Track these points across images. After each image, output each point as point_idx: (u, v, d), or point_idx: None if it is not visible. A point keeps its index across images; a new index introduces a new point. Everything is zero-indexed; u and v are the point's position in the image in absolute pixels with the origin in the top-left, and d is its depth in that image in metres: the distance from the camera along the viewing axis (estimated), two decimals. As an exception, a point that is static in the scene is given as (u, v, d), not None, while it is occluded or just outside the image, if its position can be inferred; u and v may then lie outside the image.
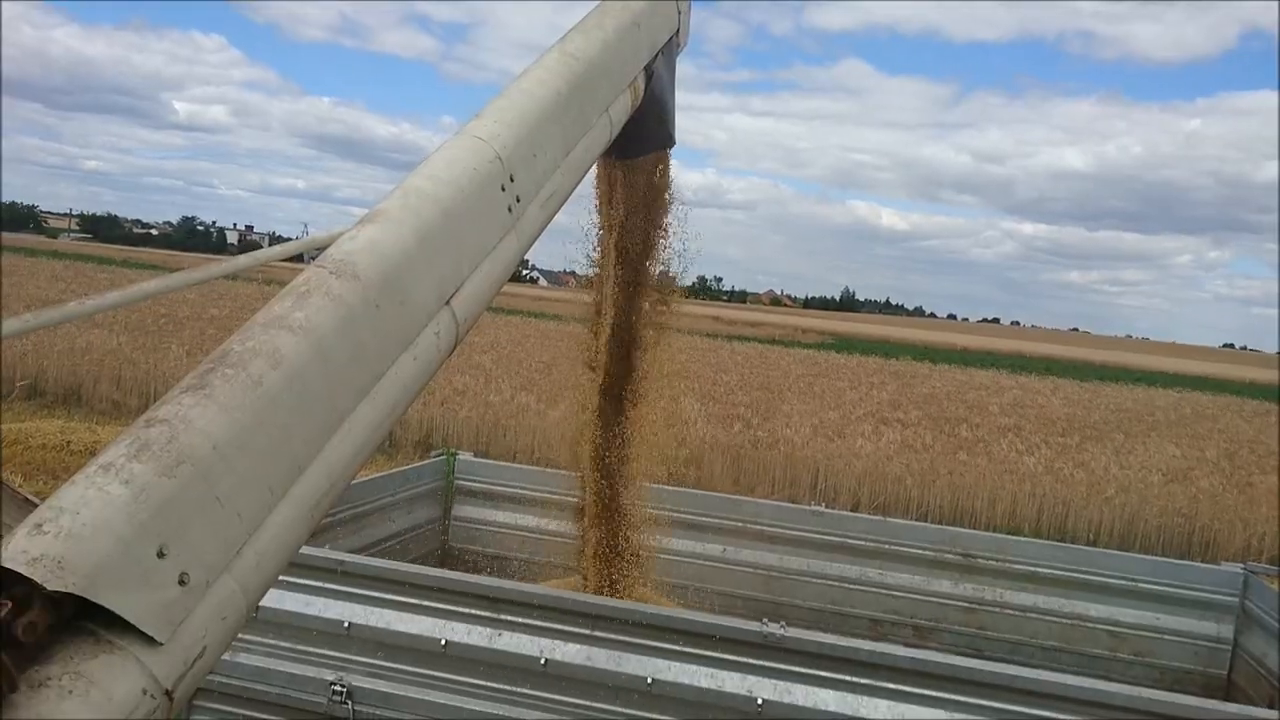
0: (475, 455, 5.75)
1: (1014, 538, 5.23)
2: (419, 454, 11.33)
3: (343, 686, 3.13)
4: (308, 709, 3.17)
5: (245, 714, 3.24)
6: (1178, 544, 11.96)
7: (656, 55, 3.00)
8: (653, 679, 2.96)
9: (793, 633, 2.90)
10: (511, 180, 2.10)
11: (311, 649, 3.23)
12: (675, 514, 5.12)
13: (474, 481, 5.53)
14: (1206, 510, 12.45)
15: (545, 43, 2.56)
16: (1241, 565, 4.69)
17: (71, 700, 1.06)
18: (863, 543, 4.98)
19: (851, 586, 4.96)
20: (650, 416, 4.12)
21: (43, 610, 1.07)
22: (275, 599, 3.20)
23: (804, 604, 4.96)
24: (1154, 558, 5.08)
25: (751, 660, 2.92)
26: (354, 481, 1.87)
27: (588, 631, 3.02)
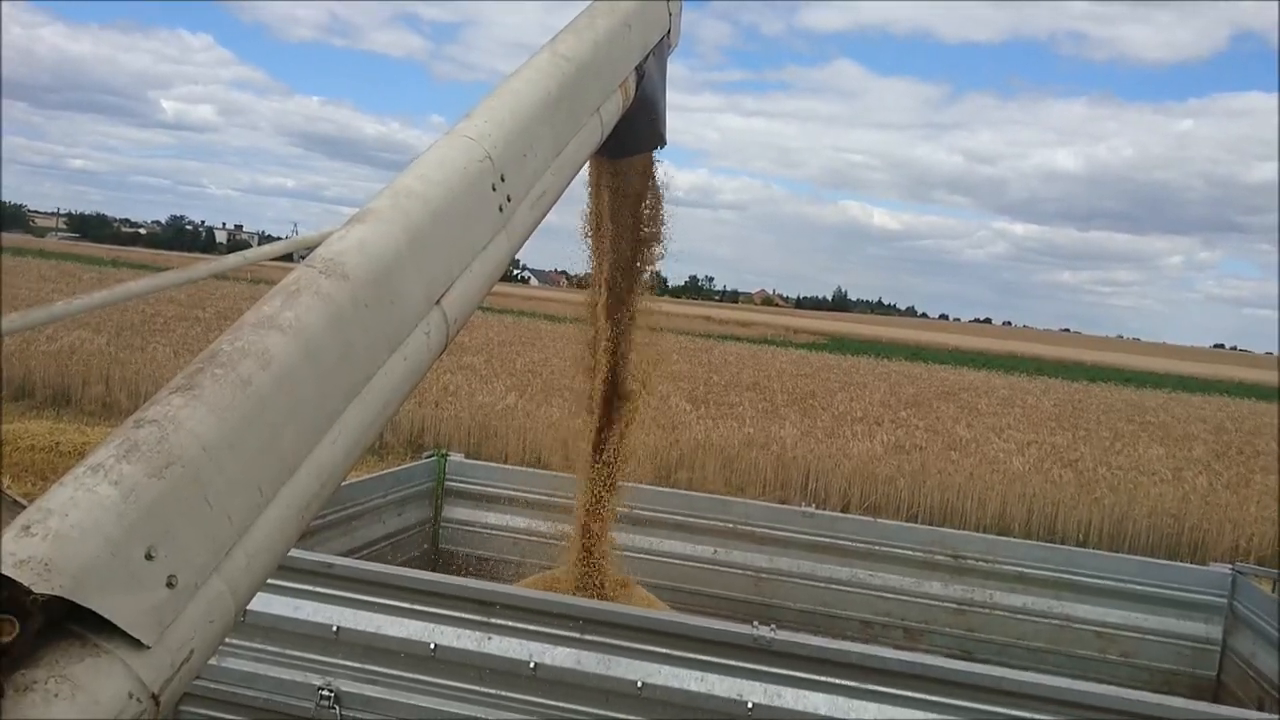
0: (466, 456, 5.74)
1: (1003, 538, 5.24)
2: (409, 455, 11.31)
3: (330, 691, 3.12)
4: (295, 714, 3.16)
5: (232, 719, 3.23)
6: (1167, 544, 12.01)
7: (648, 55, 3.00)
8: (642, 682, 2.95)
9: (783, 636, 2.89)
10: (502, 180, 2.09)
11: (299, 653, 3.22)
12: (665, 515, 5.11)
13: (465, 483, 5.51)
14: (1195, 511, 12.50)
15: (536, 43, 2.56)
16: (1230, 566, 4.70)
17: (58, 704, 1.05)
18: (853, 544, 4.98)
19: (842, 588, 4.96)
20: (640, 417, 4.12)
21: (35, 617, 1.06)
22: (263, 602, 3.19)
23: (794, 606, 4.96)
24: (1143, 558, 5.10)
25: (742, 663, 2.92)
26: (344, 483, 1.86)
27: (577, 635, 3.01)
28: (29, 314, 1.31)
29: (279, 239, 1.95)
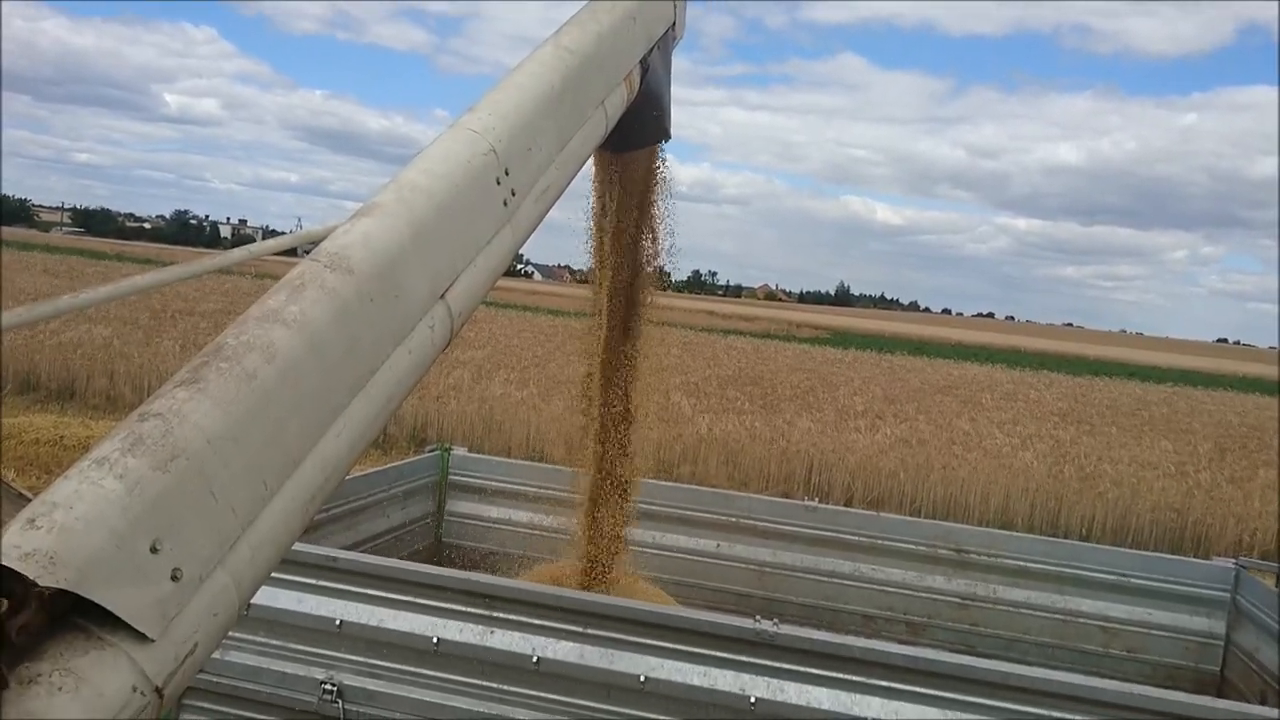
0: (470, 450, 5.74)
1: (1006, 533, 5.24)
2: (413, 449, 11.32)
3: (333, 685, 3.13)
4: (298, 708, 3.16)
5: (235, 713, 3.24)
6: (1170, 539, 12.00)
7: (652, 49, 2.99)
8: (645, 677, 2.96)
9: (786, 630, 2.89)
10: (506, 174, 2.09)
11: (302, 647, 3.22)
12: (668, 509, 5.12)
13: (468, 477, 5.51)
14: (1199, 505, 12.48)
15: (540, 36, 2.55)
16: (1233, 560, 4.69)
17: (61, 697, 1.05)
18: (856, 538, 4.98)
19: (844, 582, 4.96)
20: (643, 411, 4.12)
21: (39, 610, 1.06)
22: (267, 596, 3.19)
23: (797, 600, 4.96)
24: (1146, 553, 5.09)
25: (744, 658, 2.92)
26: (348, 476, 1.87)
27: (580, 629, 3.02)
28: (34, 308, 1.31)
29: (283, 233, 1.95)
